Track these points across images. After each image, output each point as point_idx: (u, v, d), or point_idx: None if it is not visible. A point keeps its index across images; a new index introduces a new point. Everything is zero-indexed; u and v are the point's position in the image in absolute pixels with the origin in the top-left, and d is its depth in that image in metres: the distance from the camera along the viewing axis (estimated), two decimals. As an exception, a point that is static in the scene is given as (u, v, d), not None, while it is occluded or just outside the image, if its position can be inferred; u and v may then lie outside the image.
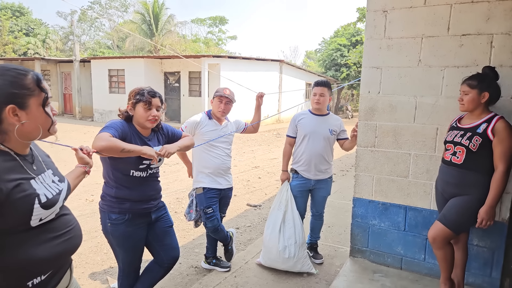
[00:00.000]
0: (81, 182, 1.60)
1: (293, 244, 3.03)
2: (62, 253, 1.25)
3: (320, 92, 3.16)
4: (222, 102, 3.04)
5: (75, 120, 17.04)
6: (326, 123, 3.20)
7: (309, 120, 3.21)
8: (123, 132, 2.03)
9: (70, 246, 1.28)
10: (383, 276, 2.83)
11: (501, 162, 2.13)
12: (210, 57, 14.82)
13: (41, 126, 1.19)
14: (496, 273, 2.58)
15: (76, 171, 1.56)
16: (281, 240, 3.04)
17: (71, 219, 1.33)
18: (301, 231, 3.10)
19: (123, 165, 2.08)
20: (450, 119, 2.53)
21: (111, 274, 3.27)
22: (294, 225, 3.08)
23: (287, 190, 3.18)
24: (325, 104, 3.20)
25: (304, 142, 3.18)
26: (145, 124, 2.12)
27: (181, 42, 30.38)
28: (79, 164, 1.59)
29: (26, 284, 1.14)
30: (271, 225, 3.13)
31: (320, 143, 3.15)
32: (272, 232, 3.09)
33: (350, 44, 24.66)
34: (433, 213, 2.73)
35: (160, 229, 2.30)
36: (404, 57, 2.72)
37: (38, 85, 1.17)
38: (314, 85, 3.25)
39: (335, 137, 3.25)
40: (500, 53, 2.40)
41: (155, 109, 2.11)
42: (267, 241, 3.12)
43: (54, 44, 30.24)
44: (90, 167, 1.62)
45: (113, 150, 1.86)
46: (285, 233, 3.06)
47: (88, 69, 17.75)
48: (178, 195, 5.68)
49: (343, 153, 10.22)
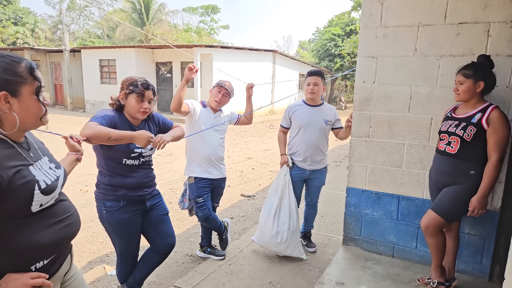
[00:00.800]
0: (75, 173, 1.60)
1: (286, 230, 3.06)
2: (63, 238, 1.27)
3: (314, 82, 3.14)
4: (220, 92, 3.03)
5: (67, 111, 16.79)
6: (321, 114, 3.20)
7: (303, 111, 3.20)
8: (112, 122, 2.03)
9: (71, 231, 1.30)
10: (375, 263, 2.87)
11: (494, 152, 2.15)
12: (202, 47, 14.66)
13: (33, 115, 1.19)
14: (487, 260, 2.63)
15: (68, 159, 1.57)
16: (275, 225, 3.07)
17: (69, 205, 1.34)
18: (296, 218, 3.13)
19: (115, 154, 2.08)
20: (445, 109, 2.54)
21: (108, 262, 3.27)
22: (289, 212, 3.10)
23: (285, 175, 3.17)
24: (319, 94, 3.19)
25: (299, 134, 3.18)
26: (136, 116, 2.13)
27: (172, 31, 30.01)
28: (70, 151, 1.60)
29: (29, 268, 1.16)
30: (267, 209, 3.15)
31: (316, 134, 3.15)
32: (267, 216, 3.12)
33: (344, 33, 24.58)
34: (425, 202, 2.76)
35: (156, 216, 2.31)
36: (400, 46, 2.71)
37: (31, 73, 1.17)
38: (307, 75, 3.23)
39: (330, 127, 3.25)
40: (497, 42, 2.41)
41: (147, 102, 2.12)
42: (262, 224, 3.15)
43: (43, 33, 29.67)
44: (81, 155, 1.63)
45: (100, 137, 1.87)
46: (280, 219, 3.08)
47: (79, 59, 17.45)
48: (172, 185, 5.67)
49: (336, 144, 10.26)
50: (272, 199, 3.14)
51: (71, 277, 1.37)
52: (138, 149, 2.12)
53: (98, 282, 2.93)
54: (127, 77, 2.17)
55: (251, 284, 2.78)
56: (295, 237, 3.12)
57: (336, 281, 2.60)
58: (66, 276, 1.35)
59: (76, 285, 1.39)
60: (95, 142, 1.90)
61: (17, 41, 26.31)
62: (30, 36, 27.88)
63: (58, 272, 1.27)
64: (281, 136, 3.35)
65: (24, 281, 1.11)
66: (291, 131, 3.29)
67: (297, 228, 3.15)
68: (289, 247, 3.09)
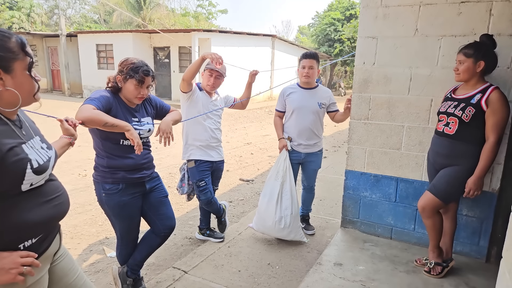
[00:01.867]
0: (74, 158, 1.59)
1: (289, 215, 3.04)
2: (52, 217, 1.26)
3: (309, 65, 3.08)
4: (212, 75, 2.96)
5: (64, 97, 16.68)
6: (315, 97, 3.15)
7: (297, 94, 3.15)
8: (108, 104, 2.00)
9: (59, 211, 1.29)
10: (373, 245, 2.89)
11: (492, 133, 2.13)
12: (200, 31, 14.45)
13: (26, 91, 1.17)
14: (484, 241, 2.65)
15: (61, 141, 1.54)
16: (278, 211, 3.03)
17: (58, 185, 1.33)
18: (297, 202, 3.13)
19: (111, 135, 2.06)
20: (445, 90, 2.51)
21: (107, 244, 3.29)
22: (291, 196, 3.07)
23: (285, 159, 3.12)
24: (314, 77, 3.13)
25: (293, 117, 3.15)
26: (133, 101, 2.11)
27: (170, 16, 29.53)
28: (64, 135, 1.57)
29: (17, 246, 1.15)
30: (267, 195, 3.11)
31: (309, 117, 3.11)
32: (269, 202, 3.08)
33: (344, 18, 24.26)
34: (424, 184, 2.76)
35: (155, 199, 2.31)
36: (400, 27, 2.67)
37: (22, 49, 1.15)
38: (302, 57, 3.14)
39: (324, 110, 3.20)
40: (499, 21, 2.37)
41: (145, 88, 2.09)
42: (263, 210, 3.11)
43: (39, 18, 29.16)
44: (75, 139, 1.61)
45: (96, 122, 1.84)
46: (283, 204, 3.05)
47: (75, 44, 17.23)
48: (171, 170, 5.67)
49: (335, 130, 10.25)
50: (273, 185, 3.10)
51: (60, 256, 1.37)
52: (136, 131, 2.09)
53: (98, 263, 2.96)
54: (126, 58, 2.11)
55: (250, 266, 2.81)
56: (297, 221, 3.12)
57: (334, 262, 2.62)
58: (56, 255, 1.35)
59: (65, 264, 1.39)
60: (90, 126, 1.88)
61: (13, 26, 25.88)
62: (26, 20, 27.41)
63: (47, 252, 1.27)
64: (278, 120, 3.29)
65: (14, 259, 1.10)
66: (285, 115, 3.26)
67: (298, 212, 3.14)
68: (292, 232, 3.07)
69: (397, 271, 2.51)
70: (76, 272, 1.43)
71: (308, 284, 2.36)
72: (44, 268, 1.26)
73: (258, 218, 3.18)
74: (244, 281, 2.60)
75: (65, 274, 1.38)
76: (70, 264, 1.41)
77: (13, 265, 1.09)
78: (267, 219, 3.08)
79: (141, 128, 2.13)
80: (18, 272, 1.10)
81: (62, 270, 1.37)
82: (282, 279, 2.66)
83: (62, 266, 1.37)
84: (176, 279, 2.59)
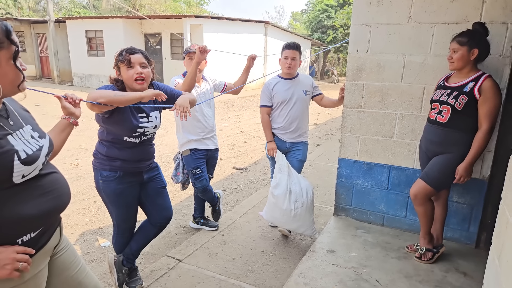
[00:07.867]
0: (65, 147, 1.50)
1: (300, 207, 2.86)
2: (51, 210, 1.22)
3: (292, 56, 2.98)
4: (192, 59, 2.82)
5: (54, 85, 16.38)
6: (299, 85, 3.07)
7: (282, 85, 3.05)
8: None
9: (59, 204, 1.26)
10: (365, 232, 2.93)
11: (485, 121, 2.15)
12: (192, 17, 14.22)
13: (10, 82, 1.11)
14: (474, 227, 2.70)
15: (60, 124, 1.46)
16: (286, 202, 2.85)
17: (59, 177, 1.29)
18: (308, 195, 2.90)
19: (117, 131, 2.05)
20: (438, 78, 2.52)
21: (101, 234, 3.29)
22: (300, 189, 2.89)
23: (282, 158, 2.98)
24: (295, 68, 3.05)
25: (279, 108, 3.05)
26: (134, 86, 2.01)
27: (161, 1, 28.95)
28: (64, 115, 1.49)
29: (15, 241, 1.12)
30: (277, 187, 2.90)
31: (297, 106, 3.03)
32: (278, 193, 2.88)
33: (337, 4, 24.05)
34: (416, 172, 2.79)
35: (153, 189, 2.30)
36: (394, 14, 2.65)
37: (7, 37, 1.08)
38: (285, 48, 3.02)
39: (309, 97, 3.15)
40: (492, 8, 2.36)
41: (138, 66, 2.01)
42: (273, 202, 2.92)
43: (26, 3, 28.38)
44: (76, 118, 1.51)
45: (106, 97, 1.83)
46: (292, 197, 2.86)
47: (64, 30, 16.83)
48: (164, 159, 5.65)
49: (328, 118, 10.27)
50: (280, 178, 2.91)
51: (61, 249, 1.35)
52: (141, 129, 2.07)
53: (92, 253, 2.96)
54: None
55: (244, 253, 2.83)
56: (309, 215, 2.92)
57: (327, 249, 2.65)
58: (56, 249, 1.32)
59: (67, 257, 1.37)
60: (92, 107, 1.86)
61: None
62: (13, 6, 26.67)
63: (47, 246, 1.24)
64: (266, 119, 3.08)
65: (9, 254, 1.08)
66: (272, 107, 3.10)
67: (310, 206, 2.92)
68: (302, 225, 2.90)
69: (388, 257, 2.55)
70: (78, 265, 1.41)
71: (302, 271, 2.40)
72: (43, 262, 1.24)
73: (268, 209, 3.01)
74: (238, 268, 2.63)
75: (67, 267, 1.36)
76: (72, 257, 1.39)
77: (8, 261, 1.07)
78: (277, 210, 2.91)
79: (147, 125, 2.10)
80: (13, 268, 1.08)
81: (64, 263, 1.35)
82: (276, 266, 2.69)
83: (63, 259, 1.35)
84: (171, 267, 2.61)
